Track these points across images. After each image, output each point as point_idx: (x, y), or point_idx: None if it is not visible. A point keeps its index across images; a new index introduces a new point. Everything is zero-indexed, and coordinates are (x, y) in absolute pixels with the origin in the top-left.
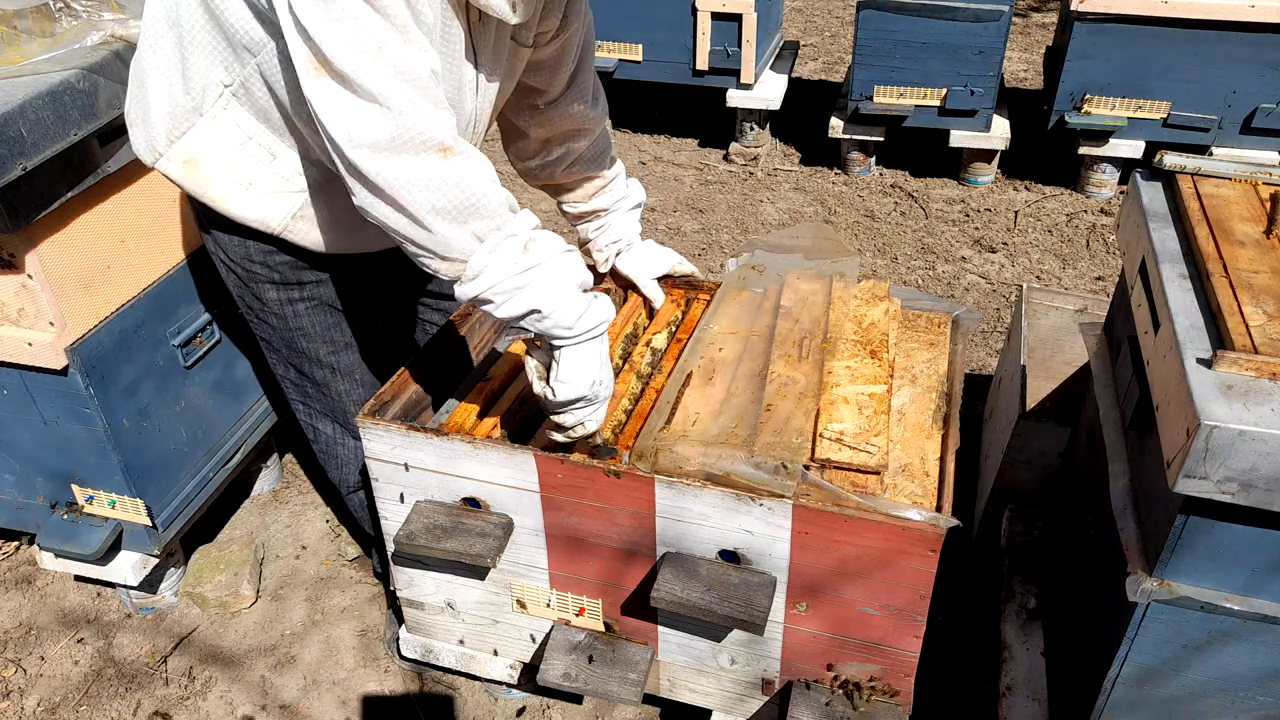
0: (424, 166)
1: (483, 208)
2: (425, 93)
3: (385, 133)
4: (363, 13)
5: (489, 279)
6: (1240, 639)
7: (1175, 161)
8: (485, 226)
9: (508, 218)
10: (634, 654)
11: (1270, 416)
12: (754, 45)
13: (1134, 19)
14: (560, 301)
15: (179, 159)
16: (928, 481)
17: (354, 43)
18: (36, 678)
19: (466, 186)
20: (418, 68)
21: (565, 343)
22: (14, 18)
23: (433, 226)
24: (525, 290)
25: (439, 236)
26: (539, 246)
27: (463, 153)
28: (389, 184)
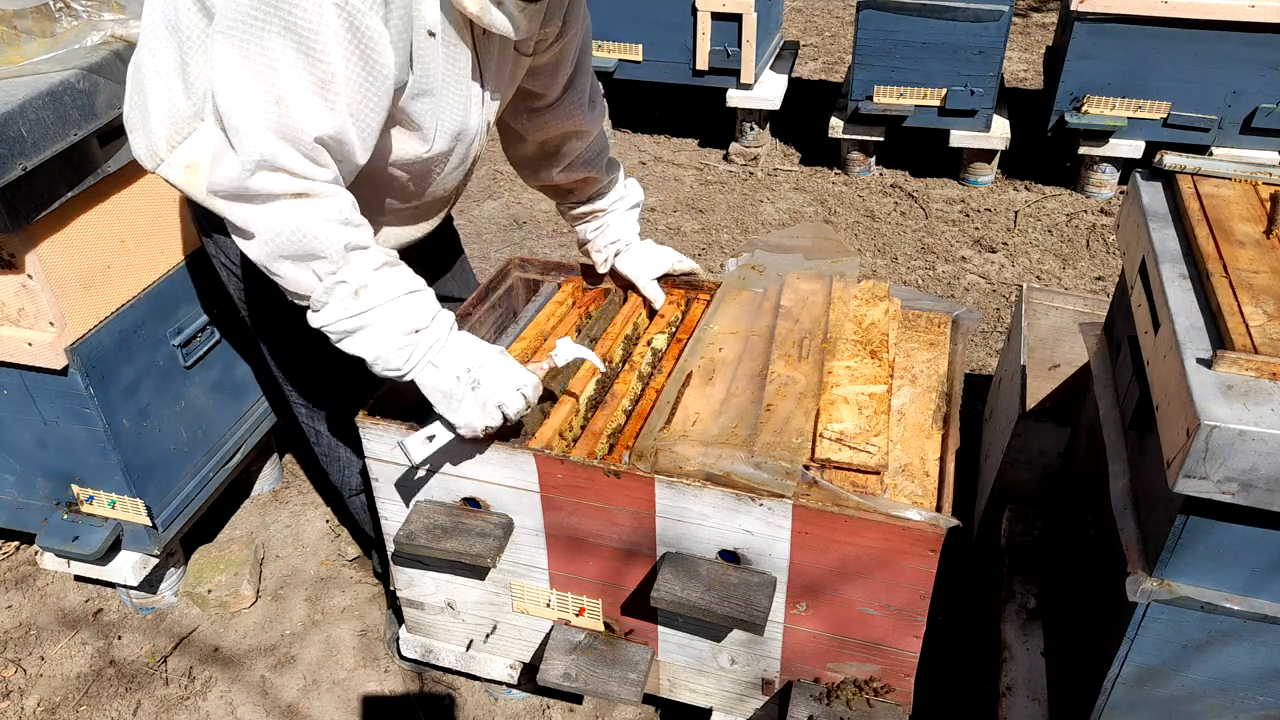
0: (266, 213)
1: (318, 251)
2: (304, 151)
3: (230, 182)
4: (285, 60)
5: (325, 318)
6: (1240, 639)
7: (1175, 161)
8: (323, 269)
9: (343, 261)
10: (634, 654)
11: (1270, 416)
12: (754, 45)
13: (1134, 19)
14: (385, 349)
15: (180, 164)
16: (928, 481)
17: (252, 91)
18: (36, 678)
19: (305, 232)
20: (308, 128)
21: (404, 379)
22: (14, 18)
23: (278, 270)
24: (356, 335)
25: (283, 276)
26: (371, 293)
27: (319, 193)
28: (238, 228)
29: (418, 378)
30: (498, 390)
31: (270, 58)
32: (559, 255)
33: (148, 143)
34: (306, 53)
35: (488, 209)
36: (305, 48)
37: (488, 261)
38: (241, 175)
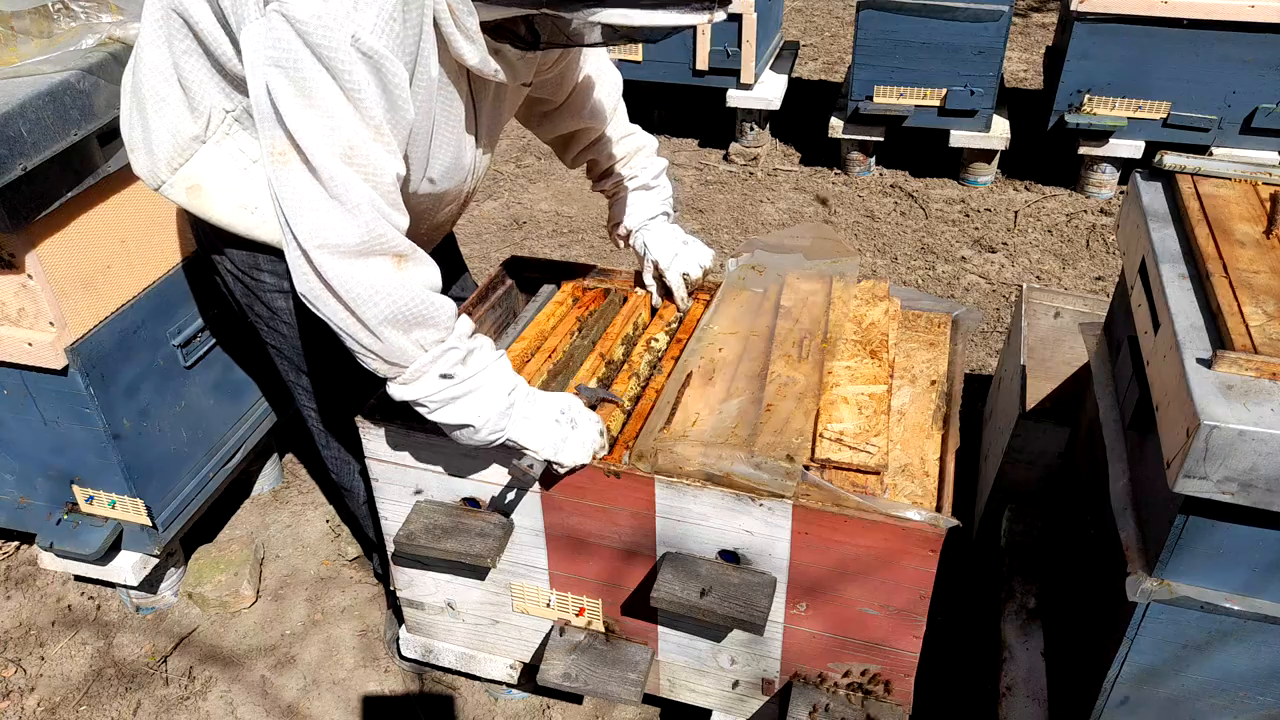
0: (380, 274)
1: (429, 318)
2: (387, 197)
3: (353, 239)
4: (340, 109)
5: (426, 388)
6: (1240, 639)
7: (1175, 161)
8: (430, 337)
9: (450, 328)
10: (634, 654)
11: (1270, 416)
12: (754, 45)
13: (1134, 19)
14: (489, 413)
15: (182, 185)
16: (928, 481)
17: (329, 139)
18: (36, 678)
19: (416, 297)
20: (385, 173)
21: (503, 437)
22: (11, 18)
23: (382, 335)
24: (460, 401)
25: (386, 344)
26: (476, 358)
27: (415, 259)
28: (347, 288)
29: (516, 435)
30: (589, 429)
31: (329, 108)
32: (559, 255)
33: (149, 164)
34: (351, 100)
35: (488, 209)
36: (349, 96)
37: (488, 261)
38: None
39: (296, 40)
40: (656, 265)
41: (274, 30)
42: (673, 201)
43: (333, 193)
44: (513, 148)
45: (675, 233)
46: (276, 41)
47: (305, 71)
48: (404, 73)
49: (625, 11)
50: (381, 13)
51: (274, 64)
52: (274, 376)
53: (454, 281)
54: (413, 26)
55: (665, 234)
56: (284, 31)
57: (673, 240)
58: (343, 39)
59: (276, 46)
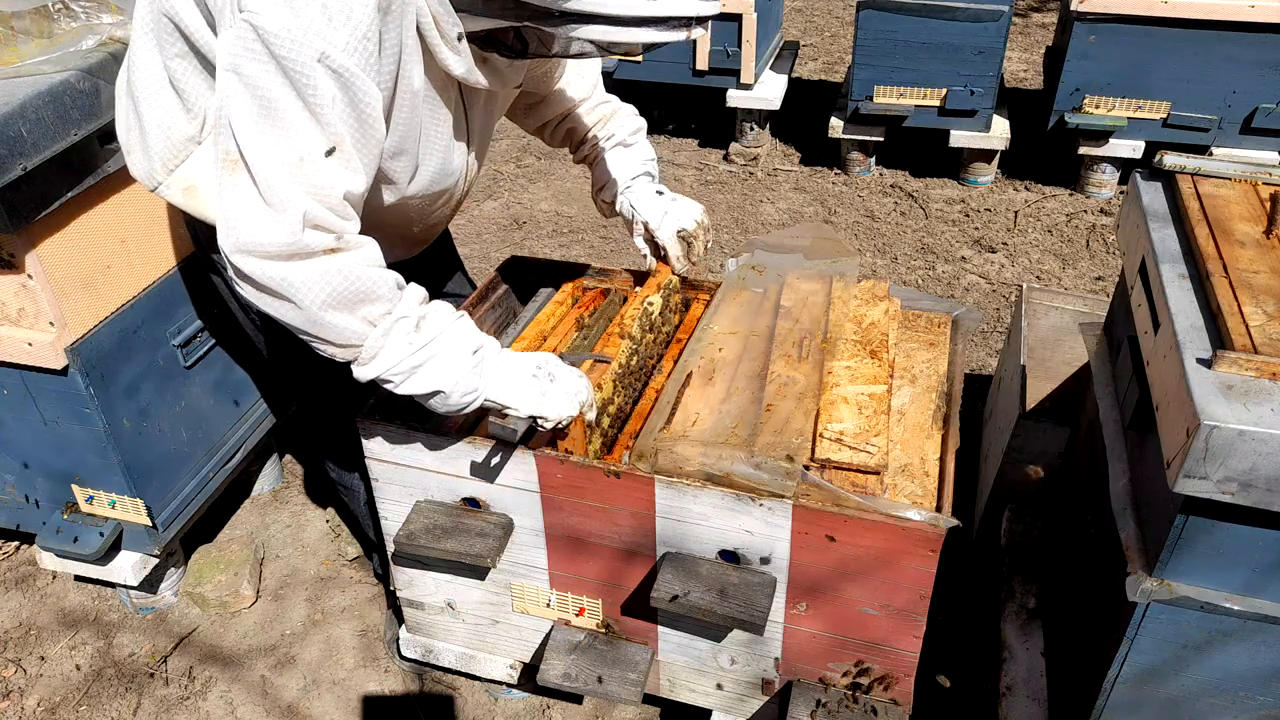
0: (310, 266)
1: (371, 293)
2: (336, 209)
3: (277, 244)
4: (296, 121)
5: (385, 361)
6: (1240, 639)
7: (1175, 161)
8: (376, 311)
9: (397, 298)
10: (634, 654)
11: (1270, 416)
12: (754, 45)
13: (1134, 19)
14: (458, 376)
15: (178, 186)
16: (928, 481)
17: (277, 149)
18: (36, 678)
19: (354, 275)
20: (334, 188)
21: (479, 399)
22: (11, 19)
23: (324, 319)
24: (422, 370)
25: (332, 327)
26: (430, 323)
27: (349, 245)
28: (278, 284)
29: (493, 394)
30: (571, 381)
31: (287, 121)
32: (559, 255)
33: (146, 165)
34: (313, 114)
35: (488, 209)
36: (311, 110)
37: (488, 261)
38: (294, 232)
39: (263, 51)
40: (646, 226)
41: (242, 39)
42: (655, 165)
43: (269, 200)
44: (513, 148)
45: (660, 193)
46: (243, 50)
47: (266, 82)
48: (376, 91)
49: (606, 29)
50: (355, 31)
51: (235, 71)
52: (274, 376)
53: (448, 279)
54: (391, 43)
55: (651, 193)
56: (251, 41)
57: (660, 199)
58: (310, 55)
59: (242, 55)
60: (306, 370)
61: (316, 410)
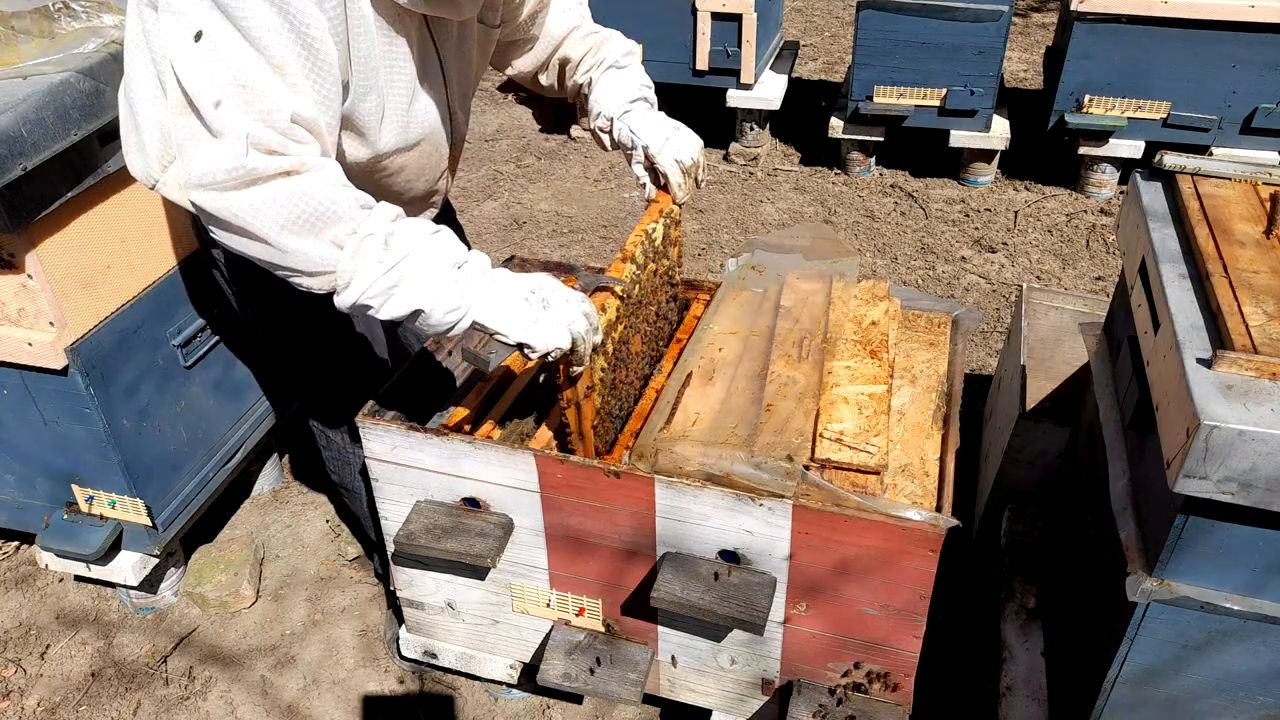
0: (266, 191)
1: (333, 213)
2: (282, 131)
3: (224, 168)
4: (234, 50)
5: (360, 284)
6: (1240, 639)
7: (1175, 161)
8: (341, 232)
9: (363, 217)
10: (634, 654)
11: (1270, 416)
12: (754, 45)
13: (1134, 19)
14: (437, 293)
15: (174, 182)
16: (928, 481)
17: (215, 79)
18: (36, 678)
19: (312, 196)
20: (279, 110)
21: (466, 318)
22: (12, 18)
23: (287, 245)
24: (400, 288)
25: (297, 254)
26: (400, 239)
27: (310, 167)
28: (234, 216)
29: (480, 314)
30: (566, 309)
31: (223, 50)
32: (559, 255)
33: (143, 163)
34: (251, 42)
35: (488, 209)
36: (249, 39)
37: None
38: (237, 156)
39: None
40: (646, 151)
41: None
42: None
43: (214, 130)
44: (513, 148)
45: (661, 118)
46: None
47: (200, 16)
48: (318, 15)
49: None
50: None
51: (169, 11)
52: (273, 376)
53: None
54: None
55: (651, 118)
56: None
57: (661, 124)
58: None
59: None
60: (306, 364)
61: (316, 408)
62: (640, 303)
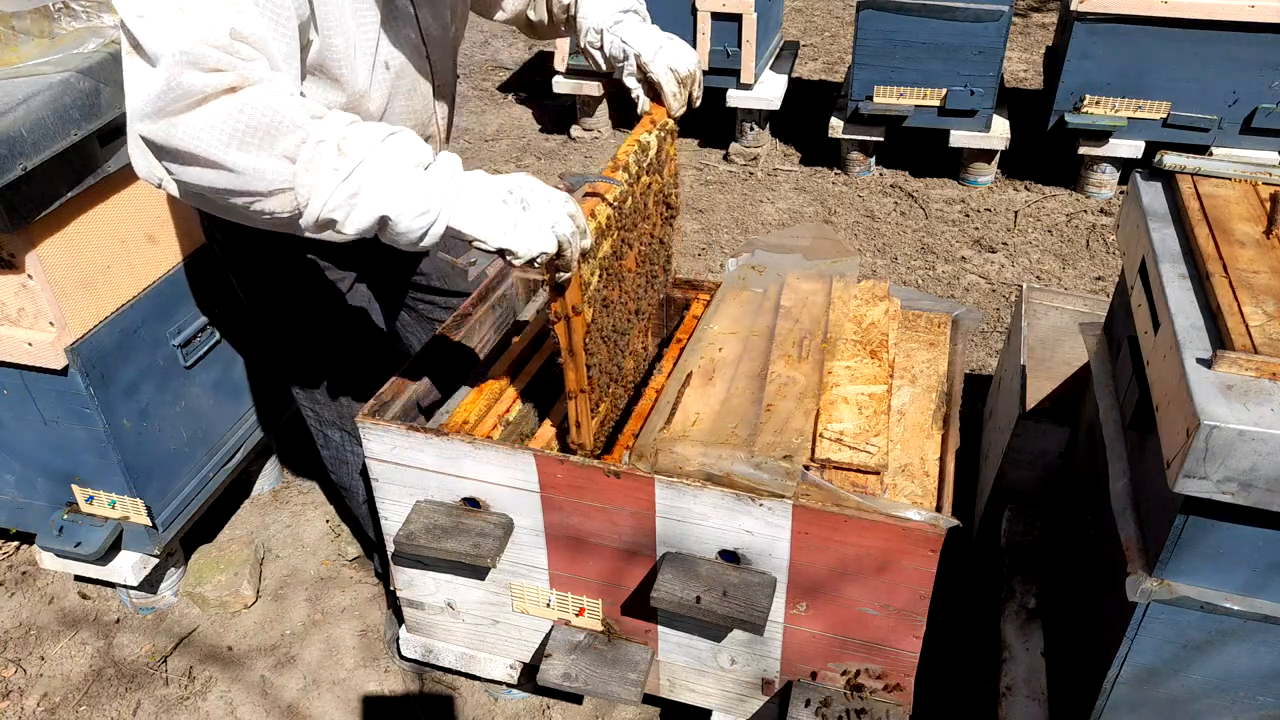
0: (208, 110)
1: (281, 123)
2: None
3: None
4: None
5: (320, 196)
6: (1241, 639)
7: (1175, 161)
8: (292, 143)
9: (313, 126)
10: (634, 654)
11: (1270, 416)
12: (754, 45)
13: (1134, 19)
14: (403, 197)
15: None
16: (928, 481)
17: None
18: (36, 678)
19: (257, 108)
20: (216, 25)
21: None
22: (12, 18)
23: (237, 164)
24: (361, 200)
25: (250, 172)
26: (354, 143)
27: (257, 82)
28: (181, 140)
29: (455, 217)
30: (548, 210)
31: None
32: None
33: (147, 161)
34: None
35: None
36: None
37: None
38: (169, 78)
39: None
40: (638, 59)
41: None
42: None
43: (152, 58)
44: (512, 148)
45: (655, 29)
46: None
47: None
48: None
49: None
50: None
51: None
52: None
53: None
54: None
55: (643, 28)
56: None
57: (654, 34)
58: None
59: None
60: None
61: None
62: (633, 215)
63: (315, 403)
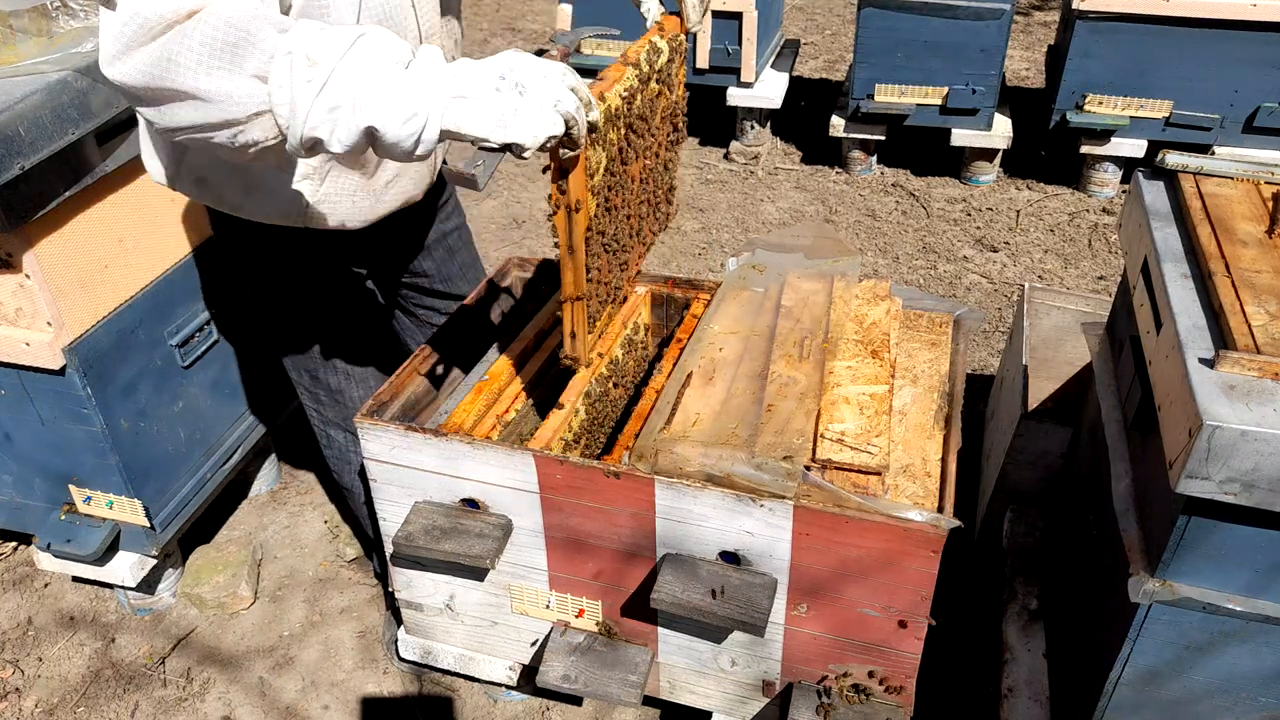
0: (173, 36)
1: (246, 40)
2: None
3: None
4: None
5: (300, 115)
6: (1243, 640)
7: (1177, 161)
8: (260, 59)
9: (280, 38)
10: (634, 656)
11: (1273, 417)
12: (754, 44)
13: (1136, 18)
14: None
15: (189, 178)
16: (929, 482)
17: None
18: (35, 678)
19: (219, 24)
20: None
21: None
22: (9, 17)
23: (209, 90)
24: (342, 109)
25: (224, 98)
26: (323, 50)
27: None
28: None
29: (447, 117)
30: (547, 88)
31: None
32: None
33: (157, 162)
34: None
35: (487, 209)
36: None
37: (487, 261)
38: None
39: None
40: None
41: None
42: None
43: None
44: None
45: None
46: None
47: None
48: None
49: None
50: None
51: None
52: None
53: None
54: None
55: None
56: None
57: None
58: None
59: None
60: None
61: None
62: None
63: (319, 403)
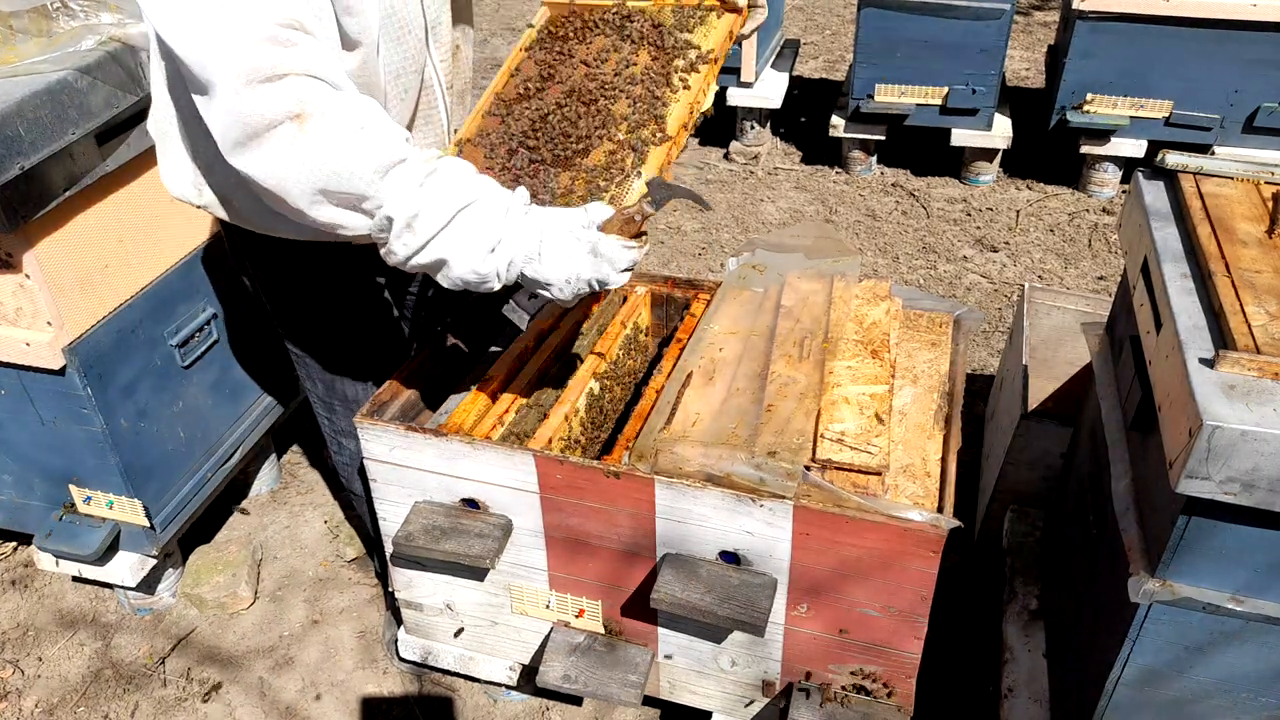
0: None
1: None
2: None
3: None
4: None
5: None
6: (1243, 640)
7: (1178, 161)
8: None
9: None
10: (634, 655)
11: (1273, 417)
12: (754, 43)
13: (1136, 17)
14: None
15: (214, 197)
16: (929, 482)
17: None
18: (34, 679)
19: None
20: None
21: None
22: (10, 17)
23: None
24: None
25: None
26: (425, 220)
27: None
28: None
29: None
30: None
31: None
32: None
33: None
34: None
35: None
36: None
37: None
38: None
39: None
40: None
41: None
42: None
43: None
44: None
45: None
46: None
47: None
48: None
49: None
50: None
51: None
52: (271, 377)
53: None
54: None
55: None
56: None
57: None
58: None
59: None
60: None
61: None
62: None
63: (332, 412)
